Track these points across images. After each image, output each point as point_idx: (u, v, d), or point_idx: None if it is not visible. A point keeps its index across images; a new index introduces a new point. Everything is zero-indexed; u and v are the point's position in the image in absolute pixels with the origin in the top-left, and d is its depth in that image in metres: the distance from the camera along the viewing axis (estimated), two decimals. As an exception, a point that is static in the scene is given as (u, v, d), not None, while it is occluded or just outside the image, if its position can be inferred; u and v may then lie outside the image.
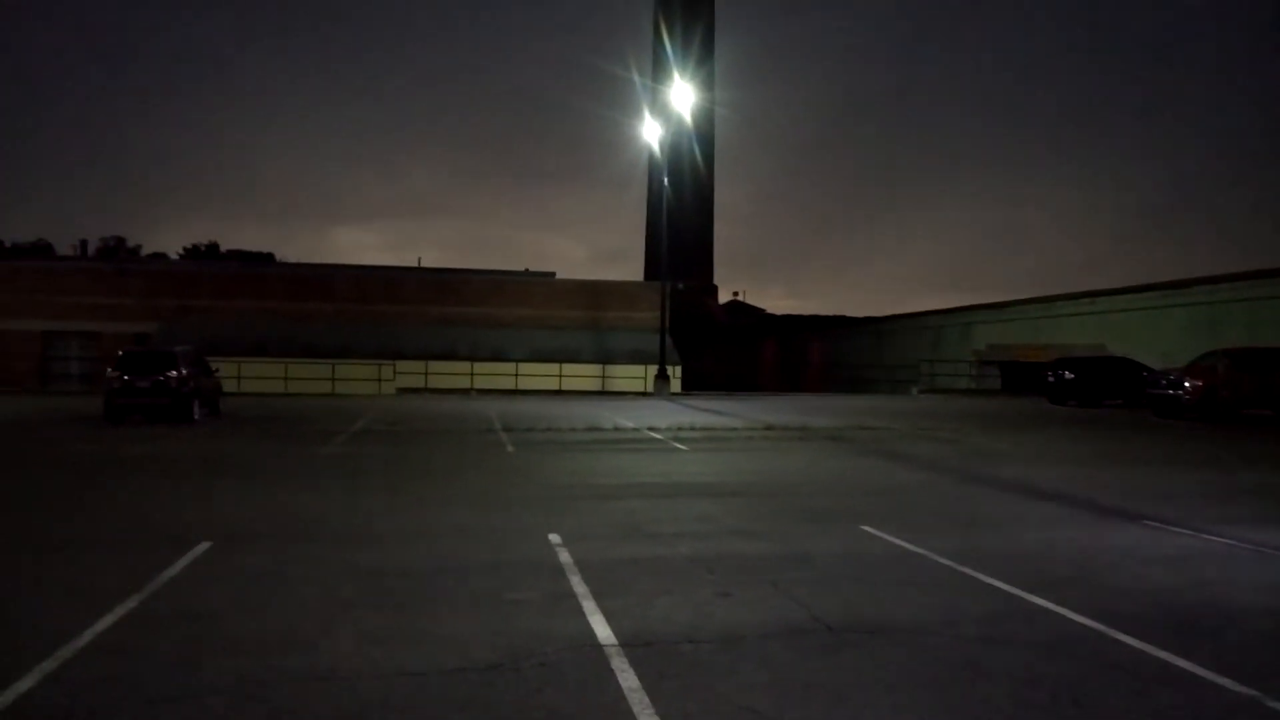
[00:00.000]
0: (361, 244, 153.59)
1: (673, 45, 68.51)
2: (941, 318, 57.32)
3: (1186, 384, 27.01)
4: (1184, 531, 10.10)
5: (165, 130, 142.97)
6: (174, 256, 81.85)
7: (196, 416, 23.34)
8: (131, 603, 6.91)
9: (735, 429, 22.97)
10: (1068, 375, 34.43)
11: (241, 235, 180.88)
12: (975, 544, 9.32)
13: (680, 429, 22.58)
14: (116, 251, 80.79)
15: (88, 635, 6.13)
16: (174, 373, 22.74)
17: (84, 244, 75.75)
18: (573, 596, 7.25)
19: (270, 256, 78.98)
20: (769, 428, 23.18)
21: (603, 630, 6.38)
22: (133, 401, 22.76)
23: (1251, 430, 23.89)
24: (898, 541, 9.41)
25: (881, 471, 15.31)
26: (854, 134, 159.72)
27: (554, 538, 9.42)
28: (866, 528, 10.12)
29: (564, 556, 8.60)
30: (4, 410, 27.40)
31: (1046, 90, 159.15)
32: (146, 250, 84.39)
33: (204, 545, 8.88)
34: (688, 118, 47.61)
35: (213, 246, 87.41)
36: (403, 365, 43.09)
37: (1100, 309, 44.14)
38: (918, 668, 5.71)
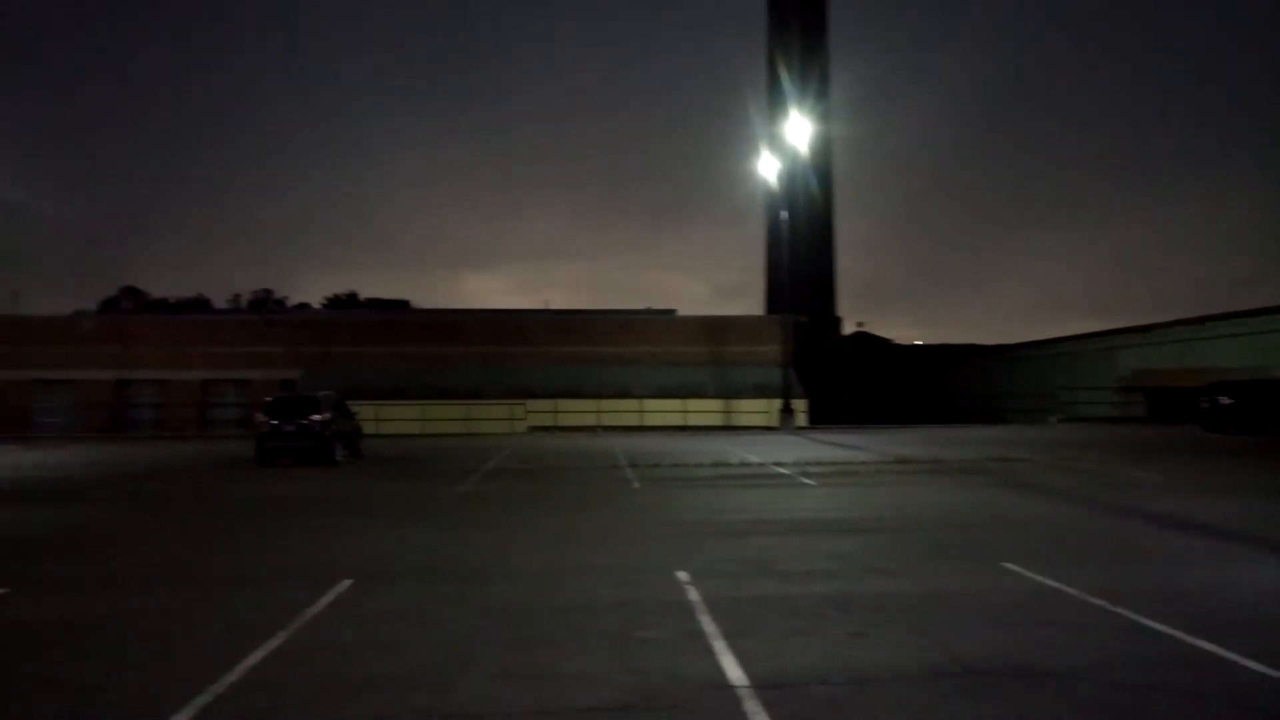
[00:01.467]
0: (491, 289, 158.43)
1: (790, 80, 68.42)
2: (1080, 343, 54.75)
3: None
4: (1368, 569, 9.25)
5: (308, 187, 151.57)
6: (317, 306, 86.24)
7: (339, 458, 24.36)
8: (279, 639, 7.22)
9: (864, 463, 22.43)
10: (1224, 401, 32.26)
11: (378, 284, 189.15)
12: (1128, 582, 8.78)
13: (808, 464, 22.21)
14: (265, 303, 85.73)
15: (239, 670, 6.43)
16: (317, 417, 23.85)
17: (237, 297, 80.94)
18: (703, 636, 7.17)
19: (406, 304, 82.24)
20: (900, 461, 22.55)
21: (734, 671, 6.28)
22: (280, 445, 23.95)
23: None
24: (1042, 579, 8.94)
25: (1021, 505, 14.63)
26: (978, 157, 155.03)
27: (682, 575, 9.37)
28: (1008, 565, 9.67)
29: (692, 595, 8.54)
30: (169, 454, 29.31)
31: (1188, 99, 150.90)
32: (292, 301, 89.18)
33: (346, 583, 9.21)
34: (805, 150, 47.31)
35: (352, 296, 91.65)
36: (533, 404, 44.02)
37: (1259, 329, 41.27)
38: (1069, 716, 5.39)
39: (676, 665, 6.45)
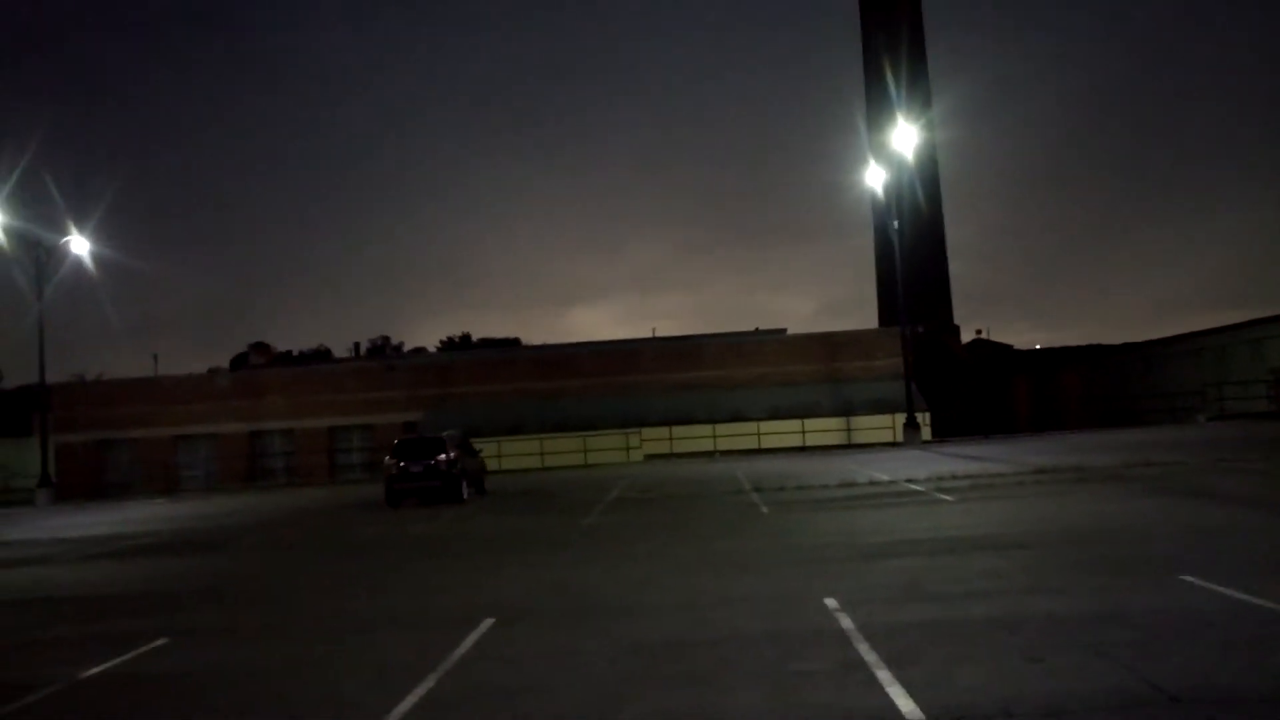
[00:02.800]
0: (597, 322, 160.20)
1: (893, 88, 67.15)
2: (1224, 336, 51.46)
3: None
4: None
5: (417, 235, 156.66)
6: (432, 349, 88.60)
7: (465, 496, 24.67)
8: (430, 681, 7.14)
9: (1002, 474, 21.41)
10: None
11: (489, 324, 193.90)
12: (1332, 592, 7.94)
13: (941, 479, 21.33)
14: (383, 350, 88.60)
15: (395, 716, 6.35)
16: (443, 456, 24.22)
17: (356, 346, 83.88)
18: (864, 666, 6.77)
19: (516, 341, 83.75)
20: (1040, 470, 21.43)
21: (905, 703, 5.87)
22: (409, 486, 24.40)
23: None
24: (1232, 593, 8.18)
25: (1187, 512, 13.60)
26: (1095, 149, 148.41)
27: (830, 602, 8.95)
28: (1188, 578, 8.91)
29: (845, 622, 8.13)
30: (303, 500, 30.30)
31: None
32: (408, 346, 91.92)
33: (488, 622, 9.13)
34: (911, 158, 46.11)
35: (465, 337, 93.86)
36: (648, 432, 43.92)
37: None
38: (1302, 746, 4.80)
39: (842, 699, 6.08)
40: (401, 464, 24.33)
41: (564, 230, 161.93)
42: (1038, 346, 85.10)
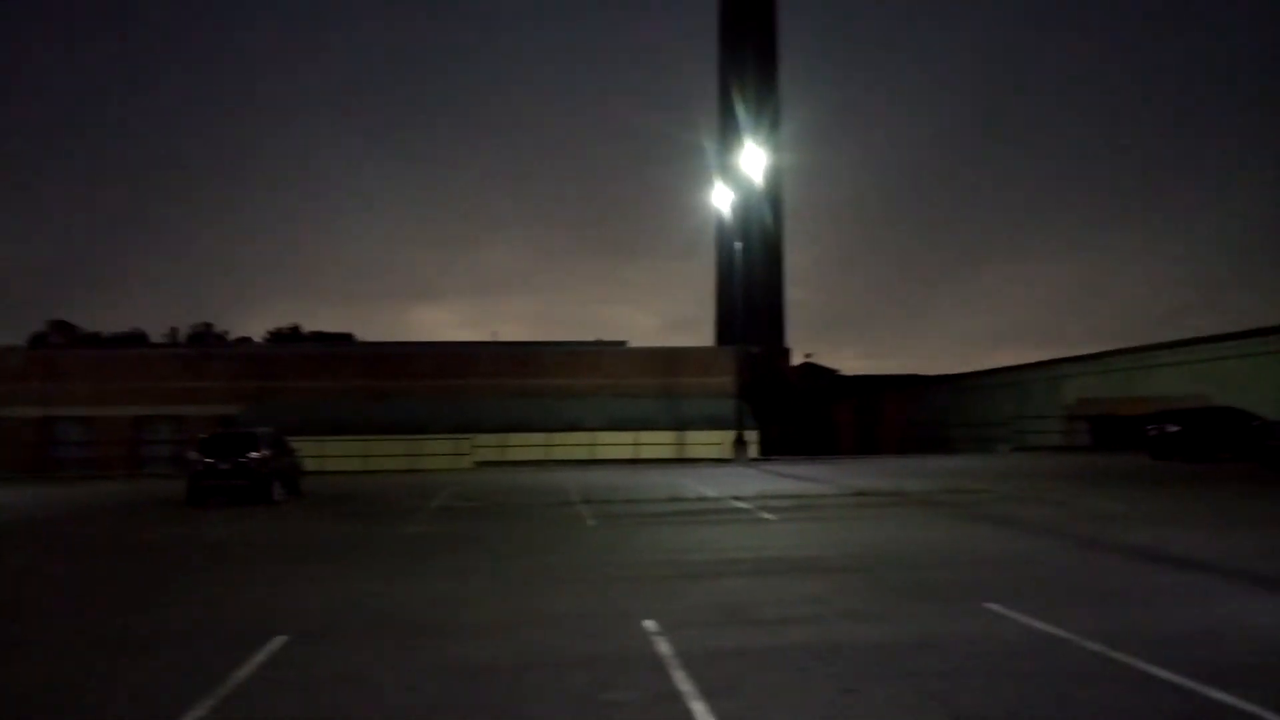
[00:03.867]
0: (437, 322, 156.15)
1: (744, 109, 68.82)
2: (1026, 372, 55.36)
3: (1310, 434, 25.11)
4: (1362, 604, 8.89)
5: (250, 219, 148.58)
6: (259, 340, 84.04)
7: (277, 497, 23.20)
8: (200, 710, 6.36)
9: (824, 495, 21.95)
10: (1171, 428, 32.46)
11: (322, 317, 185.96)
12: (1123, 624, 8.28)
13: (766, 497, 21.65)
14: (205, 338, 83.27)
15: (151, 752, 5.58)
16: (254, 454, 22.69)
17: (175, 331, 78.58)
18: (679, 697, 6.48)
19: (349, 337, 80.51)
20: (859, 493, 22.10)
21: (717, 739, 5.60)
22: (214, 484, 22.73)
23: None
24: (1032, 622, 8.41)
25: (993, 539, 14.19)
26: (927, 191, 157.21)
27: (649, 625, 8.67)
28: (993, 605, 9.13)
29: (663, 647, 7.84)
30: (94, 495, 27.77)
31: (1127, 136, 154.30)
32: (233, 335, 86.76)
33: (279, 640, 8.34)
34: (758, 182, 47.27)
35: (295, 329, 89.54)
36: (480, 439, 42.94)
37: (1201, 357, 42.00)
38: (1100, 787, 4.80)
39: (653, 733, 5.76)
40: (207, 460, 22.65)
41: (409, 226, 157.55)
42: (860, 374, 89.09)
